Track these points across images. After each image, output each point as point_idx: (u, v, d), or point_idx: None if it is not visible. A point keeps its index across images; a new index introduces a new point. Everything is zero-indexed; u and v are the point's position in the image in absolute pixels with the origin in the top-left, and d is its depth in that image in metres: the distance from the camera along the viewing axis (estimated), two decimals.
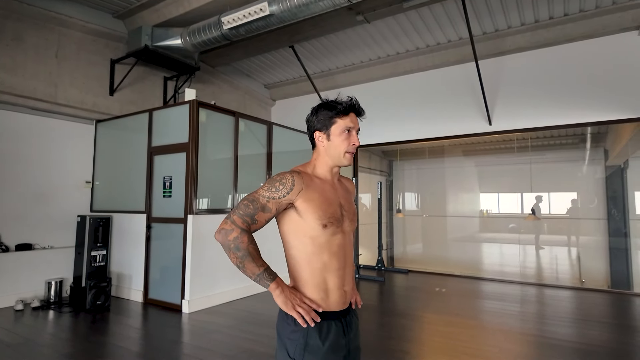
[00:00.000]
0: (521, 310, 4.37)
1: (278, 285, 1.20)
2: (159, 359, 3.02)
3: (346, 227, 1.31)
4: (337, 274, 1.27)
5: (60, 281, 4.77)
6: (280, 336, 1.25)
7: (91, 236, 4.76)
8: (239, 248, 1.16)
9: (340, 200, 1.33)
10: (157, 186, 4.78)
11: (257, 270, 1.18)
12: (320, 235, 1.23)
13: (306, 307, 1.21)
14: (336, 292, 1.27)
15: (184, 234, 4.38)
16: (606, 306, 4.66)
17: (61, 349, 3.20)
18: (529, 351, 3.13)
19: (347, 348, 1.29)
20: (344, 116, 1.29)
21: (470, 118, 6.30)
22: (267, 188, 1.22)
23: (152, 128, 4.94)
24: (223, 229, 1.18)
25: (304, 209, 1.22)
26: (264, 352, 3.13)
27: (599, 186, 7.42)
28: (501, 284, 5.80)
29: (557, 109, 5.67)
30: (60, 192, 5.17)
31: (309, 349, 1.19)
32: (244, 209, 1.20)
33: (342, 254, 1.29)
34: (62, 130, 5.25)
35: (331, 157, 1.32)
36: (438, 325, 3.83)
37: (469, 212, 8.74)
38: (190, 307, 4.25)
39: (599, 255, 7.04)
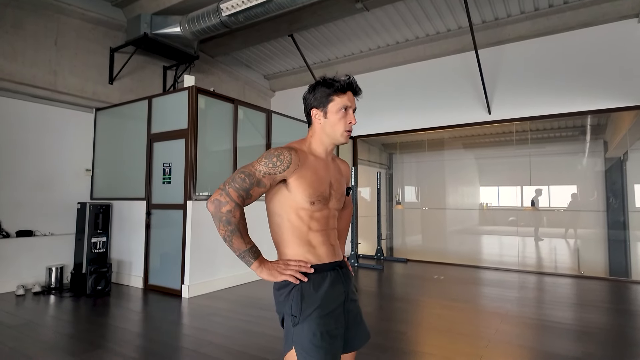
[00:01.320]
0: (519, 296, 4.40)
1: (260, 264, 1.21)
2: (159, 338, 3.05)
3: (332, 205, 1.33)
4: (321, 233, 1.29)
5: (60, 267, 4.81)
6: (280, 306, 1.27)
7: (91, 223, 4.78)
8: (229, 222, 1.16)
9: (331, 179, 1.34)
10: (156, 173, 4.80)
11: (243, 247, 1.19)
12: (306, 209, 1.25)
13: (294, 266, 1.23)
14: (323, 246, 1.29)
15: (184, 220, 4.40)
16: (604, 292, 4.69)
17: (62, 329, 3.23)
18: (526, 332, 3.16)
19: (345, 295, 1.30)
20: (341, 94, 1.30)
21: (469, 108, 6.31)
22: (264, 163, 1.21)
23: (151, 115, 4.96)
24: (217, 200, 1.17)
25: (296, 186, 1.23)
26: (262, 332, 3.16)
27: (599, 179, 7.43)
28: (500, 272, 5.84)
29: (556, 98, 5.67)
30: (60, 179, 5.20)
31: (306, 299, 1.21)
32: (240, 183, 1.19)
33: (324, 221, 1.31)
34: (62, 118, 5.26)
35: (327, 135, 1.33)
36: (435, 309, 3.86)
37: (468, 205, 8.75)
38: (189, 292, 4.28)
39: (597, 247, 7.06)
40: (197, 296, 4.32)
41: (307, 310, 1.20)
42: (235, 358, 2.64)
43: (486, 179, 8.75)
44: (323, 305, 1.23)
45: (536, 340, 2.96)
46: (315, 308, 1.21)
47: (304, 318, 1.20)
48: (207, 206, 1.19)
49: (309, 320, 1.20)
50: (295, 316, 1.21)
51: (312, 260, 1.26)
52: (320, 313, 1.21)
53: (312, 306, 1.21)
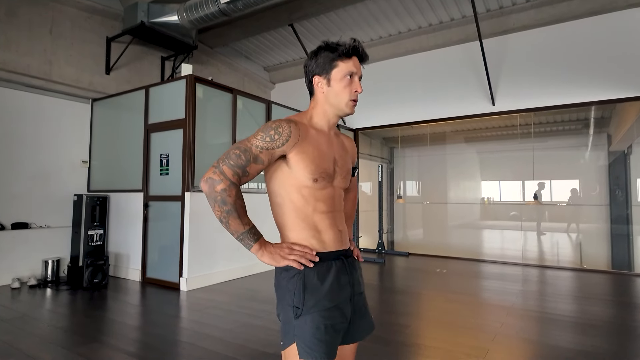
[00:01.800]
0: (523, 289, 4.32)
1: (261, 246, 1.11)
2: (156, 331, 2.97)
3: (337, 183, 1.23)
4: (327, 215, 1.19)
5: (57, 260, 4.73)
6: (280, 291, 1.17)
7: (88, 215, 4.70)
8: (225, 202, 1.06)
9: (335, 155, 1.23)
10: (154, 164, 4.71)
11: (241, 229, 1.09)
12: (309, 187, 1.15)
13: (298, 251, 1.13)
14: (330, 231, 1.19)
15: (182, 211, 4.32)
16: (608, 285, 4.61)
17: (57, 322, 3.16)
18: (532, 326, 3.09)
19: (351, 288, 1.21)
20: (346, 59, 1.19)
21: (473, 99, 6.20)
22: (261, 137, 1.10)
23: (148, 105, 4.85)
24: (210, 179, 1.07)
25: (297, 161, 1.13)
26: (262, 325, 3.09)
27: (602, 173, 7.34)
28: (502, 266, 5.76)
29: (562, 89, 5.57)
30: (56, 171, 5.11)
31: (309, 290, 1.12)
32: (235, 160, 1.08)
33: (330, 201, 1.20)
34: (58, 109, 5.16)
35: (331, 105, 1.22)
36: (438, 302, 3.79)
37: (470, 199, 8.66)
38: (188, 285, 4.21)
39: (600, 241, 6.98)
40: (195, 289, 4.24)
41: (310, 302, 1.11)
42: (234, 352, 2.56)
43: (488, 173, 8.65)
44: (328, 298, 1.13)
45: (543, 334, 2.88)
46: (319, 300, 1.12)
47: (307, 310, 1.11)
48: (201, 185, 1.09)
49: (313, 312, 1.11)
50: (297, 307, 1.11)
51: (317, 247, 1.16)
52: (326, 305, 1.12)
53: (315, 297, 1.12)
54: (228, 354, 2.52)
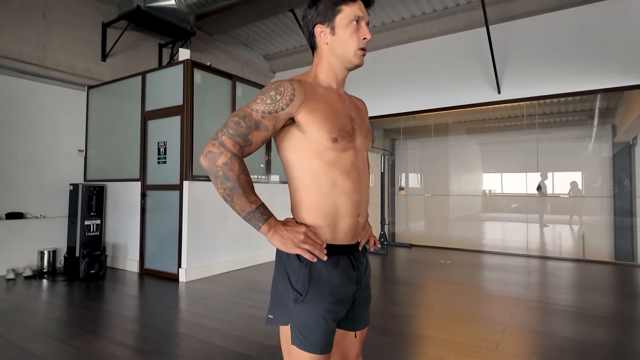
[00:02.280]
0: (529, 280, 4.22)
1: (271, 227, 0.98)
2: (153, 323, 2.87)
3: (359, 143, 1.10)
4: (351, 198, 1.05)
5: (53, 251, 4.63)
6: (282, 260, 1.06)
7: (84, 205, 4.59)
8: (227, 177, 0.94)
9: (350, 113, 1.10)
10: (151, 152, 4.58)
11: (247, 207, 0.96)
12: (328, 150, 1.01)
13: (311, 241, 1.01)
14: (347, 221, 1.06)
15: (180, 201, 4.20)
16: (612, 276, 4.51)
17: (51, 314, 3.06)
18: (542, 317, 2.98)
19: (357, 283, 1.11)
20: (351, 2, 1.06)
21: (478, 87, 6.05)
22: (261, 100, 0.98)
23: (145, 92, 4.71)
24: (210, 152, 0.95)
25: (308, 122, 1.00)
26: (262, 316, 2.98)
27: (606, 164, 7.21)
28: (505, 257, 5.66)
29: (569, 76, 5.42)
30: (52, 160, 4.98)
31: (315, 281, 1.01)
32: (234, 128, 0.96)
33: (355, 174, 1.06)
34: (53, 96, 5.02)
35: (337, 57, 1.09)
36: (444, 293, 3.68)
37: (472, 191, 8.55)
38: (187, 276, 4.10)
39: (603, 233, 6.87)
40: (194, 280, 4.14)
41: (313, 293, 1.01)
42: (234, 343, 2.46)
43: (491, 165, 8.53)
44: (333, 292, 1.03)
45: (553, 326, 2.78)
46: (323, 293, 1.01)
47: (309, 300, 1.00)
48: (200, 161, 0.97)
49: (316, 304, 1.00)
50: (299, 293, 1.00)
51: (327, 237, 1.05)
52: (329, 299, 1.02)
53: (320, 290, 1.01)
54: (227, 346, 2.41)
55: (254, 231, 4.86)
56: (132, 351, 2.34)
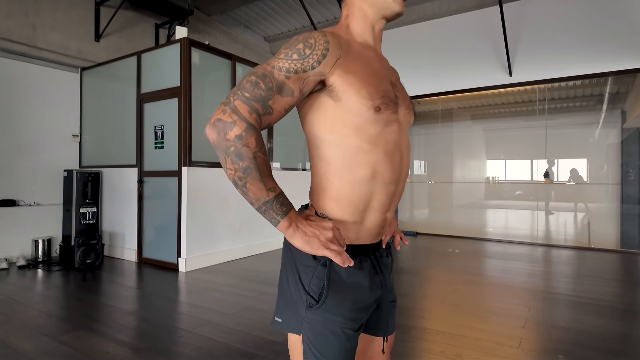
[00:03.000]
0: (543, 270, 4.05)
1: (291, 222, 0.78)
2: (150, 317, 2.71)
3: (402, 116, 0.88)
4: (388, 189, 0.85)
5: (48, 239, 4.46)
6: (291, 253, 0.86)
7: (79, 192, 4.40)
8: (241, 155, 0.72)
9: (391, 77, 0.89)
10: (148, 137, 4.37)
11: (264, 196, 0.75)
12: (371, 123, 0.80)
13: (339, 245, 0.79)
14: (376, 216, 0.86)
15: (179, 187, 4.01)
16: (622, 265, 4.34)
17: (43, 306, 2.89)
18: (562, 310, 2.81)
19: (382, 287, 0.92)
20: None
21: (489, 69, 5.80)
22: (285, 56, 0.76)
23: (140, 73, 4.48)
24: (219, 121, 0.72)
25: (344, 85, 0.78)
26: (266, 310, 2.82)
27: (614, 151, 6.99)
28: (512, 245, 5.50)
29: (583, 58, 5.17)
30: (45, 145, 4.77)
31: (334, 285, 0.82)
32: (251, 90, 0.74)
33: (398, 157, 0.86)
34: (45, 78, 4.78)
35: (372, 5, 0.87)
36: (456, 284, 3.51)
37: (479, 178, 8.34)
38: (187, 265, 3.94)
39: (609, 221, 6.68)
40: (194, 270, 3.98)
41: (332, 300, 0.82)
42: (236, 340, 2.29)
43: (499, 152, 8.30)
44: (356, 299, 0.85)
45: (578, 320, 2.61)
46: (343, 301, 0.83)
47: (327, 307, 0.81)
48: (206, 133, 0.74)
49: (334, 312, 0.82)
50: (314, 298, 0.81)
51: (351, 236, 0.85)
52: (350, 307, 0.83)
53: (340, 297, 0.83)
54: (229, 343, 2.25)
55: (257, 218, 4.67)
56: (127, 348, 2.18)
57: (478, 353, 2.11)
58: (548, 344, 2.24)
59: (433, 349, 2.16)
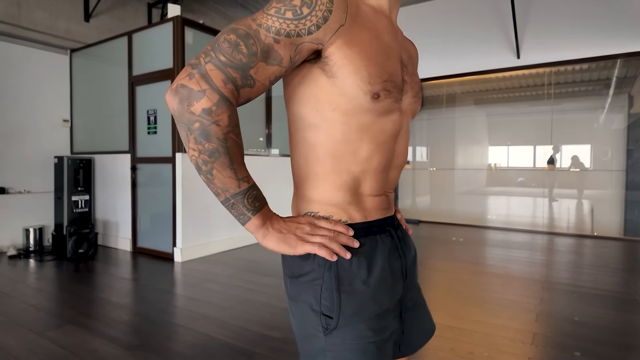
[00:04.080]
0: (548, 259, 3.92)
1: (265, 221, 0.64)
2: (144, 311, 2.58)
3: (406, 104, 0.72)
4: (378, 177, 0.71)
5: (39, 228, 4.32)
6: (294, 285, 0.70)
7: (71, 179, 4.24)
8: (208, 135, 0.56)
9: (402, 54, 0.72)
10: (140, 122, 4.18)
11: (234, 187, 0.60)
12: (365, 110, 0.65)
13: (326, 229, 0.65)
14: (373, 199, 0.72)
15: (173, 174, 3.84)
16: (630, 254, 4.23)
17: (31, 299, 2.76)
18: (574, 303, 2.68)
19: (404, 278, 0.75)
20: None
21: (496, 52, 5.58)
22: (276, 13, 0.58)
23: (132, 54, 4.26)
24: (183, 88, 0.55)
25: (342, 60, 0.61)
26: (265, 302, 2.69)
27: (618, 136, 6.81)
28: (517, 233, 5.38)
29: (594, 40, 4.94)
30: (35, 131, 4.58)
31: (346, 287, 0.65)
32: (229, 53, 0.56)
33: (391, 146, 0.71)
34: (32, 60, 4.56)
35: None
36: (463, 274, 3.39)
37: (483, 165, 8.18)
38: (182, 255, 3.80)
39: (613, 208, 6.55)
40: (190, 260, 3.85)
41: (349, 307, 0.65)
42: (233, 336, 2.16)
43: (502, 138, 8.13)
44: (377, 298, 0.67)
45: (592, 313, 2.48)
46: (363, 303, 0.66)
47: (346, 321, 0.65)
48: (166, 100, 0.57)
49: (356, 324, 0.65)
50: (328, 317, 0.65)
51: (356, 216, 0.69)
52: (374, 311, 0.67)
53: (358, 300, 0.66)
54: (226, 339, 2.12)
55: None
56: (117, 345, 2.05)
57: (490, 350, 1.99)
58: (563, 340, 2.11)
59: (443, 347, 2.04)
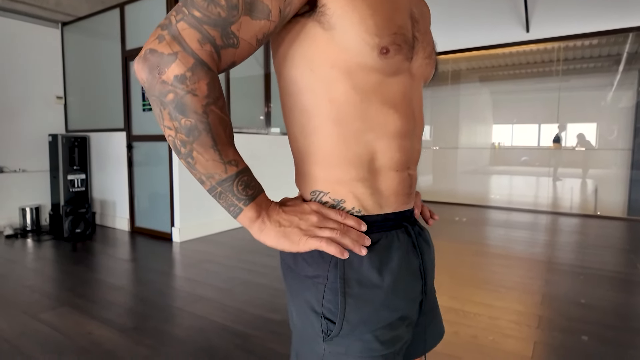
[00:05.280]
0: (555, 240, 3.86)
1: (260, 212, 0.54)
2: (141, 293, 2.53)
3: (417, 66, 0.61)
4: (398, 143, 0.59)
5: (36, 208, 4.25)
6: (290, 271, 0.60)
7: (66, 158, 4.14)
8: (183, 108, 0.46)
9: (413, 7, 0.60)
10: (135, 98, 4.05)
11: (220, 172, 0.50)
12: (370, 69, 0.54)
13: (335, 221, 0.56)
14: (394, 174, 0.60)
15: (169, 153, 3.74)
16: (634, 233, 4.16)
17: (25, 280, 2.71)
18: (580, 284, 2.62)
19: (422, 278, 0.65)
20: None
21: (504, 25, 5.35)
22: None
23: (125, 27, 4.09)
24: (153, 53, 0.45)
25: (343, 8, 0.51)
26: (265, 284, 2.64)
27: (626, 115, 6.64)
28: (520, 213, 5.31)
29: (606, 12, 4.72)
30: (28, 108, 4.46)
31: (354, 291, 0.56)
32: (204, 7, 0.46)
33: (407, 110, 0.59)
34: (22, 34, 4.39)
35: None
36: (466, 255, 3.33)
37: (483, 144, 8.04)
38: (181, 235, 3.75)
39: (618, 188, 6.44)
40: (189, 240, 3.79)
41: (356, 314, 0.55)
42: (232, 318, 2.11)
43: (507, 116, 7.96)
44: (390, 305, 0.57)
45: (598, 295, 2.42)
46: (373, 310, 0.56)
47: (351, 330, 0.56)
48: (135, 70, 0.47)
49: (362, 335, 0.56)
50: (330, 321, 0.56)
51: (369, 206, 0.58)
52: (386, 319, 0.57)
53: (367, 307, 0.56)
54: (224, 322, 2.07)
55: None
56: (112, 328, 2.00)
57: (494, 334, 1.94)
58: (570, 323, 2.06)
59: (446, 330, 1.96)
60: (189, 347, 1.82)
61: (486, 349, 1.80)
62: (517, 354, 1.75)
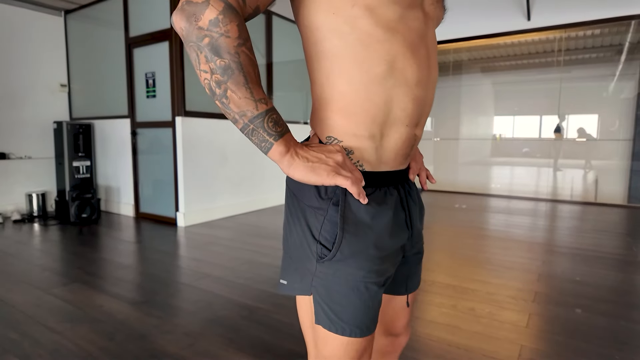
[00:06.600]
0: (552, 224, 3.92)
1: (289, 147, 0.59)
2: (148, 270, 2.60)
3: (428, 4, 0.67)
4: (414, 93, 0.64)
5: (42, 194, 4.32)
6: (295, 198, 0.67)
7: (71, 145, 4.20)
8: (218, 49, 0.52)
9: None
10: (139, 85, 4.09)
11: (252, 108, 0.55)
12: (387, 2, 0.59)
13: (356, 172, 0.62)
14: (402, 131, 0.66)
15: (173, 139, 3.80)
16: (633, 219, 4.22)
17: (36, 260, 2.79)
18: (576, 264, 2.69)
19: (409, 229, 0.73)
20: None
21: (504, 13, 5.37)
22: None
23: (128, 14, 4.12)
24: (189, 4, 0.52)
25: None
26: (268, 262, 2.71)
27: (628, 106, 6.66)
28: (520, 201, 5.36)
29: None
30: (32, 96, 4.50)
31: (350, 227, 0.63)
32: None
33: (424, 52, 0.65)
34: (26, 22, 4.42)
35: None
36: (465, 238, 3.39)
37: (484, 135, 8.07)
38: (185, 220, 3.82)
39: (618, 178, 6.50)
40: (194, 225, 3.86)
41: (349, 246, 0.63)
42: (237, 293, 2.18)
43: (508, 107, 7.97)
44: (379, 244, 0.65)
45: (592, 274, 2.49)
46: (366, 246, 0.64)
47: (344, 257, 0.63)
48: (173, 22, 0.54)
49: (353, 263, 0.64)
50: (325, 247, 0.63)
51: (370, 160, 0.65)
52: (372, 255, 0.64)
53: (358, 242, 0.63)
54: (230, 296, 2.14)
55: (258, 172, 4.50)
56: (123, 302, 2.07)
57: (491, 307, 2.00)
58: (564, 298, 2.12)
59: (444, 303, 2.05)
60: (197, 317, 1.89)
61: (483, 319, 1.87)
62: (512, 323, 1.82)
